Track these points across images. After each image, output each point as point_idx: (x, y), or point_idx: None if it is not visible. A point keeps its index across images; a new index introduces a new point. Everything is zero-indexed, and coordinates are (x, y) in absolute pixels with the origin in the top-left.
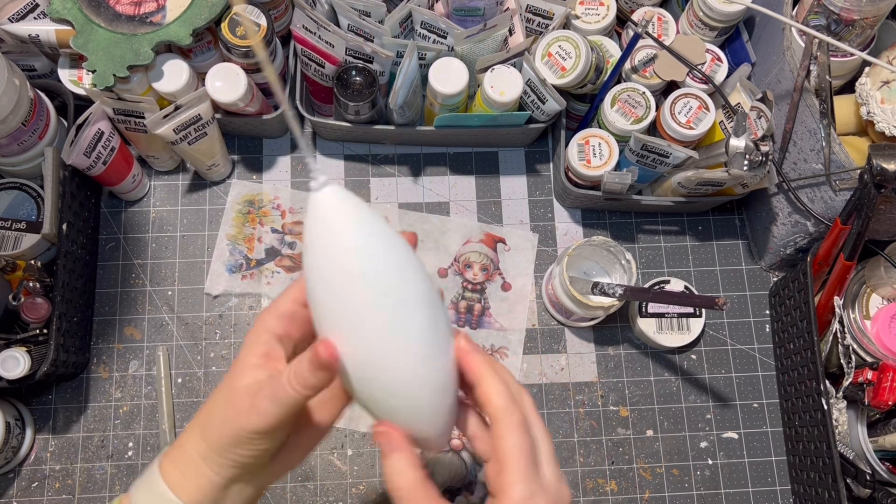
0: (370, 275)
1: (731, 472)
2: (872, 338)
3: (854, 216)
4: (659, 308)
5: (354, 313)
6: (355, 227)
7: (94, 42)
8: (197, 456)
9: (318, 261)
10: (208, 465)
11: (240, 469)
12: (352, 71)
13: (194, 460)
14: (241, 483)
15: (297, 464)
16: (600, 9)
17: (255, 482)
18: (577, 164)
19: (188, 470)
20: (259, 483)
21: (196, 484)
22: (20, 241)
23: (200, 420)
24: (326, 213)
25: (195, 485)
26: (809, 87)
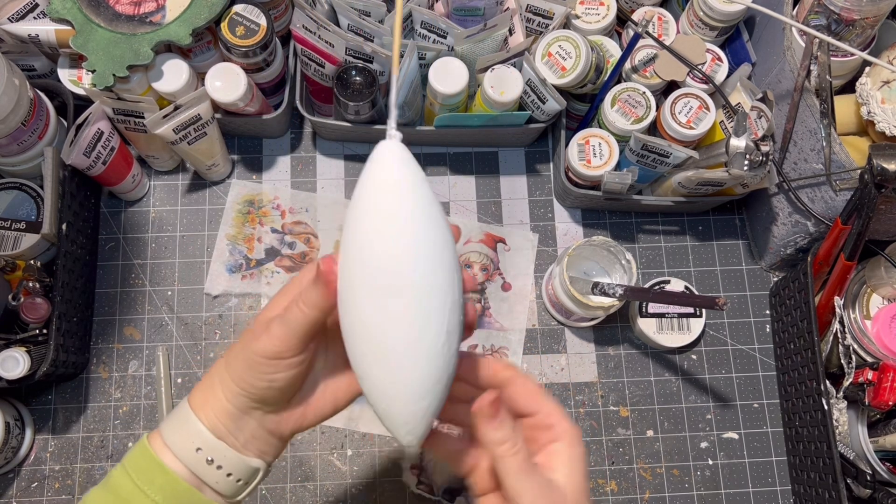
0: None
1: (731, 472)
2: (873, 338)
3: (854, 216)
4: (659, 308)
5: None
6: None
7: (93, 42)
8: (218, 383)
9: (359, 194)
10: (224, 392)
11: (251, 400)
12: (352, 71)
13: (215, 386)
14: (254, 419)
15: (313, 420)
16: (600, 8)
17: (271, 424)
18: (578, 163)
19: (209, 394)
20: (275, 426)
21: (213, 408)
22: (20, 241)
23: (228, 350)
24: (386, 168)
25: (213, 409)
26: (810, 87)
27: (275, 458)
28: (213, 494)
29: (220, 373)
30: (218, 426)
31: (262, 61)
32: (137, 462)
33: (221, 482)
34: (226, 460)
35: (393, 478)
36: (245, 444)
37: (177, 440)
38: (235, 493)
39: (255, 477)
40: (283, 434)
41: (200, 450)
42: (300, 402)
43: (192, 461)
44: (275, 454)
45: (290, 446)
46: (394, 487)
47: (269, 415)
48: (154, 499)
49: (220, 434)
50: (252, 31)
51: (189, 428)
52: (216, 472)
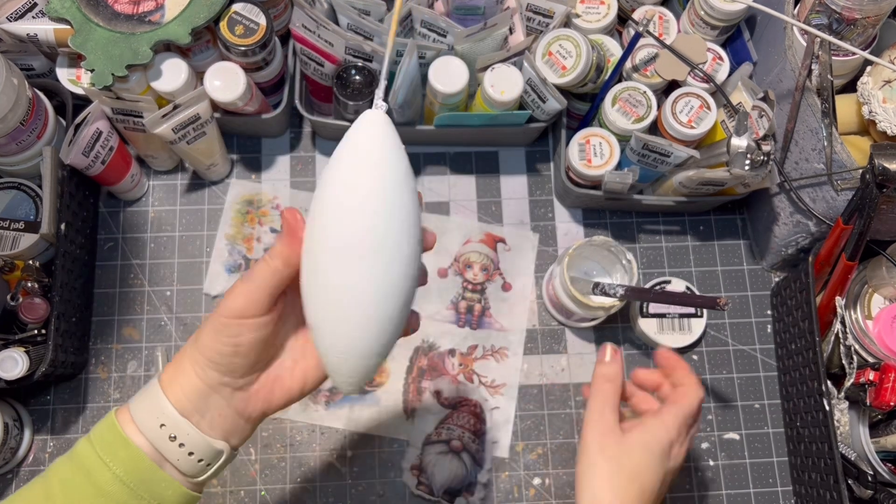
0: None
1: (732, 472)
2: (874, 338)
3: (856, 216)
4: (660, 308)
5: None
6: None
7: (92, 41)
8: (187, 359)
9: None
10: (193, 366)
11: (218, 372)
12: (351, 70)
13: (184, 363)
14: (222, 396)
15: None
16: (601, 7)
17: (239, 402)
18: (578, 163)
19: (178, 372)
20: (243, 406)
21: (181, 386)
22: (18, 241)
23: (197, 329)
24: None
25: (181, 387)
26: (811, 87)
27: (241, 441)
28: (173, 472)
29: (190, 349)
30: (185, 403)
31: (261, 60)
32: (103, 434)
33: (183, 460)
34: (188, 438)
35: (393, 478)
36: (211, 424)
37: (142, 415)
38: (197, 473)
39: (218, 459)
40: (251, 415)
41: (164, 426)
42: (267, 381)
43: (155, 437)
44: (241, 437)
45: (290, 447)
46: (394, 488)
47: (237, 392)
48: (115, 471)
49: (186, 412)
50: (251, 30)
51: (155, 404)
52: (178, 449)
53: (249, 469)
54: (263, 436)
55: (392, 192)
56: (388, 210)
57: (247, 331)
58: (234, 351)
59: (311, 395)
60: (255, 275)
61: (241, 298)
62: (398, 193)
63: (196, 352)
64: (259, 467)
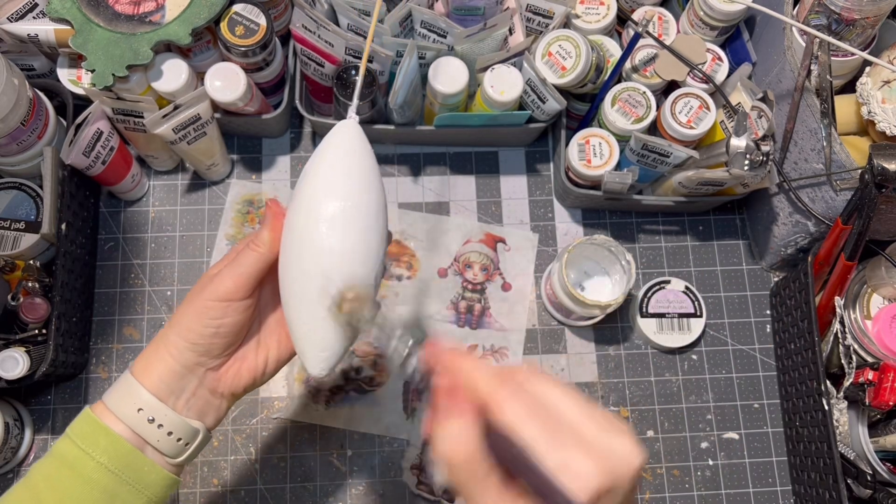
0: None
1: (731, 472)
2: (873, 338)
3: (855, 216)
4: (659, 308)
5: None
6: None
7: (93, 41)
8: (162, 345)
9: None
10: (169, 350)
11: (197, 353)
12: (351, 70)
13: (159, 350)
14: (196, 376)
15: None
16: (601, 8)
17: (211, 381)
18: (578, 163)
19: (152, 358)
20: (215, 384)
21: (157, 372)
22: (19, 241)
23: (171, 317)
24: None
25: (156, 373)
26: (810, 87)
27: (215, 421)
28: (154, 454)
29: (164, 335)
30: (160, 386)
31: (261, 61)
32: (81, 429)
33: (163, 441)
34: (167, 419)
35: (393, 478)
36: (187, 404)
37: (118, 404)
38: (177, 454)
39: (195, 438)
40: (222, 393)
41: (142, 410)
42: (236, 361)
43: (134, 421)
44: (215, 416)
45: (290, 447)
46: (394, 488)
47: (209, 372)
48: (99, 460)
49: (162, 394)
50: (251, 30)
51: (131, 391)
52: (157, 430)
53: (249, 469)
54: (263, 435)
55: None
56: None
57: (231, 313)
58: (216, 332)
59: (311, 395)
60: (242, 259)
61: (229, 282)
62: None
63: (175, 335)
64: (259, 467)
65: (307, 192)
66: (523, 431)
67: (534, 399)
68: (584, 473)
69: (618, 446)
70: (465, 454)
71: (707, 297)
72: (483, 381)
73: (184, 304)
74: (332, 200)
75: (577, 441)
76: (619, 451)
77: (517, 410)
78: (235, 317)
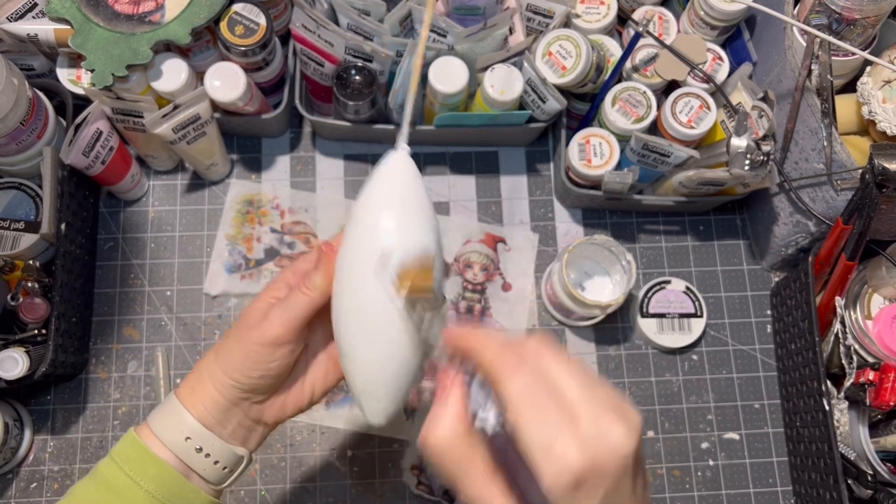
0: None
1: (732, 472)
2: (874, 338)
3: (856, 216)
4: (660, 308)
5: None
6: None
7: (92, 41)
8: (207, 377)
9: (362, 199)
10: (214, 385)
11: (242, 391)
12: (351, 70)
13: (204, 380)
14: (241, 409)
15: (293, 410)
16: (601, 7)
17: (255, 413)
18: (578, 163)
19: (198, 388)
20: (258, 415)
21: (203, 401)
22: (18, 241)
23: (217, 345)
24: (390, 171)
25: (202, 402)
26: (811, 87)
27: (257, 445)
28: (199, 481)
29: (210, 367)
30: (207, 417)
31: (261, 60)
32: (128, 454)
33: (209, 469)
34: (213, 448)
35: (393, 478)
36: (232, 434)
37: (166, 431)
38: (221, 480)
39: (239, 464)
40: (266, 422)
41: (190, 439)
42: (281, 392)
43: (181, 450)
44: (258, 442)
45: (290, 447)
46: (394, 488)
47: (255, 405)
48: (147, 489)
49: (209, 425)
50: (251, 30)
51: (179, 419)
52: (204, 459)
53: (249, 469)
54: None
55: (420, 225)
56: (417, 243)
57: (280, 357)
58: (264, 374)
59: None
60: (293, 304)
61: (279, 328)
62: (424, 228)
63: (220, 372)
64: (259, 467)
65: (360, 233)
66: (517, 408)
67: (535, 375)
68: (566, 457)
69: (609, 432)
70: (446, 438)
71: (707, 298)
72: (489, 353)
73: (231, 340)
74: (391, 242)
75: (569, 422)
76: (609, 437)
77: (515, 387)
78: (283, 360)
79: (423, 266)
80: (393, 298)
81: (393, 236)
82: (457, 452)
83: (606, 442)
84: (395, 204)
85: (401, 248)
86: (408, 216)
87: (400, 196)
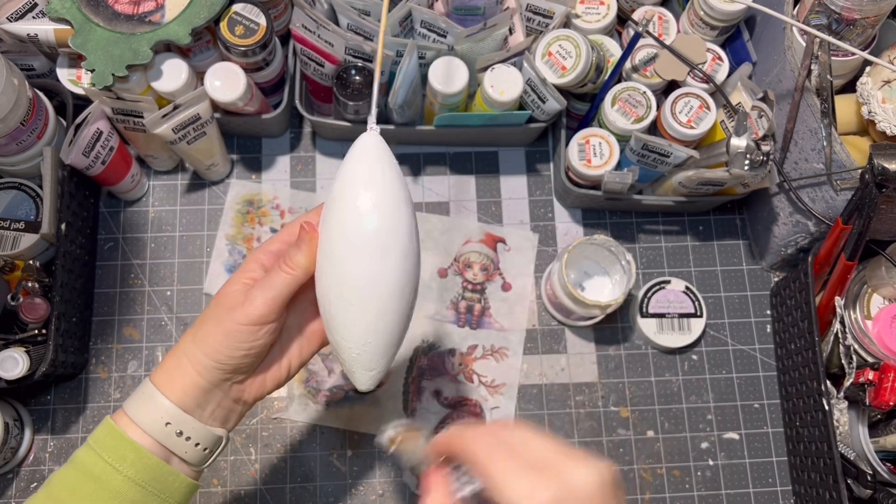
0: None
1: (732, 472)
2: (874, 338)
3: (855, 216)
4: (659, 308)
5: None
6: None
7: (92, 41)
8: (187, 361)
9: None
10: (194, 367)
11: (224, 372)
12: (351, 70)
13: (183, 364)
14: (221, 390)
15: (272, 385)
16: (601, 8)
17: (235, 393)
18: (578, 163)
19: (175, 373)
20: (238, 395)
21: (182, 385)
22: (19, 241)
23: (193, 329)
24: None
25: (181, 386)
26: (810, 87)
27: (235, 424)
28: (179, 464)
29: (189, 351)
30: (186, 401)
31: (261, 61)
32: (105, 441)
33: (190, 452)
34: (193, 431)
35: (393, 478)
36: (212, 415)
37: (144, 417)
38: (201, 462)
39: (218, 445)
40: (246, 401)
41: (169, 424)
42: (260, 370)
43: (161, 435)
44: (235, 421)
45: (290, 447)
46: (394, 488)
47: (235, 385)
48: (126, 474)
49: (188, 408)
50: (251, 30)
51: (156, 404)
52: (185, 443)
53: (249, 469)
54: (264, 436)
55: (397, 197)
56: (396, 213)
57: (263, 336)
58: (246, 353)
59: (311, 395)
60: (274, 282)
61: (262, 307)
62: (401, 199)
63: (200, 354)
64: (259, 467)
65: (342, 210)
66: (490, 465)
67: (503, 440)
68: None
69: (575, 470)
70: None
71: (707, 297)
72: (464, 437)
73: (209, 323)
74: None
75: (539, 470)
76: (577, 475)
77: (485, 449)
78: (268, 338)
79: (411, 432)
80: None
81: (374, 214)
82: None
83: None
84: (373, 183)
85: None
86: (385, 194)
87: (377, 174)
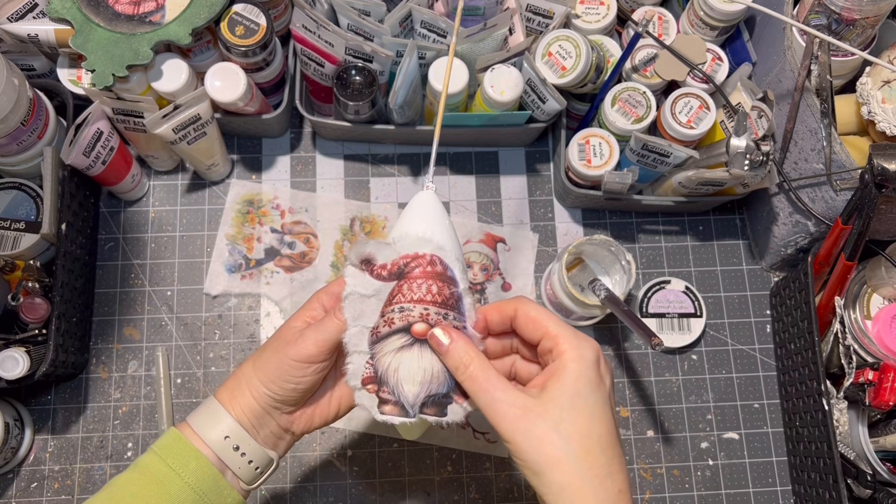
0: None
1: (731, 472)
2: (873, 338)
3: (855, 216)
4: (659, 308)
5: None
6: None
7: (93, 41)
8: (245, 383)
9: (396, 233)
10: (251, 391)
11: (275, 400)
12: (351, 70)
13: (242, 386)
14: (273, 417)
15: (319, 422)
16: (601, 8)
17: (285, 422)
18: (578, 163)
19: (237, 392)
20: (288, 424)
21: (241, 405)
22: (19, 241)
23: (255, 355)
24: (419, 205)
25: (240, 406)
26: (810, 87)
27: (285, 451)
28: (233, 479)
29: (248, 374)
30: (244, 420)
31: (261, 61)
32: (170, 448)
33: (243, 468)
34: (249, 448)
35: (393, 478)
36: (263, 439)
37: (207, 429)
38: (252, 480)
39: (269, 466)
40: (294, 431)
41: (228, 437)
42: (310, 405)
43: (220, 448)
44: (285, 448)
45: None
46: (394, 488)
47: (285, 415)
48: (187, 480)
49: (247, 427)
50: (252, 30)
51: (218, 418)
52: (240, 458)
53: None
54: None
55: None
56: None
57: (311, 372)
58: (294, 388)
59: None
60: (327, 327)
61: (313, 347)
62: (457, 262)
63: (256, 380)
64: None
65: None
66: (548, 322)
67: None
68: (587, 355)
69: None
70: (471, 357)
71: (707, 297)
72: (516, 298)
73: (268, 352)
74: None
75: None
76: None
77: (541, 309)
78: (314, 376)
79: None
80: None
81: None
82: (480, 369)
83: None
84: (430, 236)
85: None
86: (443, 252)
87: (433, 230)
